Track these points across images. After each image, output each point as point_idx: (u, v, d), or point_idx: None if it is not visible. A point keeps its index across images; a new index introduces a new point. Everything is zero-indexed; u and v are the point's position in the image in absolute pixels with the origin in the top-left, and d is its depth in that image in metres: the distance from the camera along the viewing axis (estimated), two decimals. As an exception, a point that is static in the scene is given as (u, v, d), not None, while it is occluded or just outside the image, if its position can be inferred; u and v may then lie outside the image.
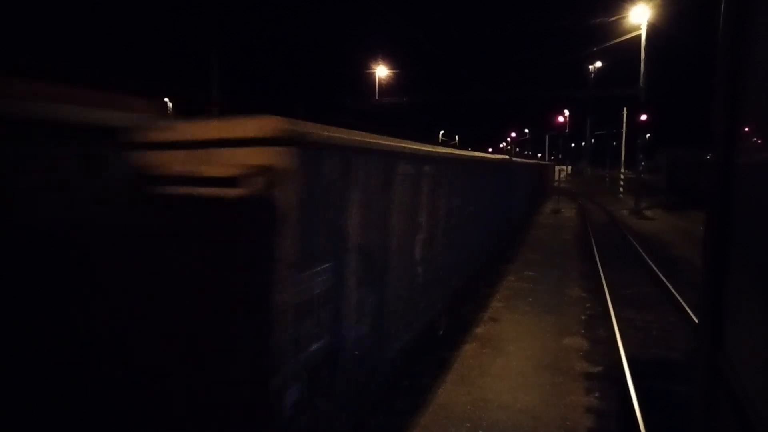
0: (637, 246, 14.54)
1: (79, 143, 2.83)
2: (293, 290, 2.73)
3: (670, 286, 9.60)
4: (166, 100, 9.71)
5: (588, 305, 8.81)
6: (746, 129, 1.78)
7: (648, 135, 32.36)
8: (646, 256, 12.83)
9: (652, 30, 25.81)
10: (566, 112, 66.21)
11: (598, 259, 12.39)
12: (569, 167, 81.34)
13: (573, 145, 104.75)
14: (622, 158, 39.11)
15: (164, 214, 2.73)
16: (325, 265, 3.17)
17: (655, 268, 11.28)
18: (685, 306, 8.29)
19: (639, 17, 25.87)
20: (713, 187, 1.93)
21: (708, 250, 1.96)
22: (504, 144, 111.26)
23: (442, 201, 5.99)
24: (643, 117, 27.43)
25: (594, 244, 14.71)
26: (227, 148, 2.59)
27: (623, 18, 26.55)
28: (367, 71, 38.86)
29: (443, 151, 6.42)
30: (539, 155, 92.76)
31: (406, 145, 4.61)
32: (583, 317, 8.15)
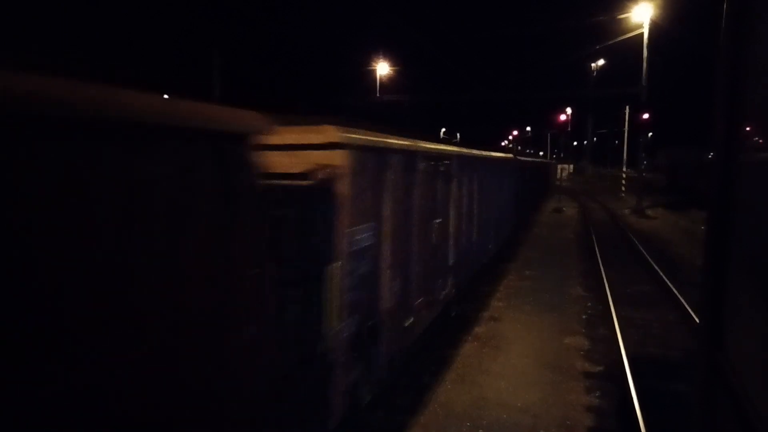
0: (639, 245, 14.53)
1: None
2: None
3: (670, 285, 9.60)
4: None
5: (589, 304, 8.81)
6: (747, 129, 1.78)
7: (650, 134, 32.32)
8: (647, 255, 12.82)
9: (655, 29, 25.77)
10: (568, 111, 65.99)
11: (599, 258, 12.38)
12: (571, 166, 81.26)
13: (575, 143, 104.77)
14: (624, 157, 39.07)
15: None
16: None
17: (656, 267, 11.27)
18: (685, 305, 8.29)
19: (641, 16, 25.81)
20: (714, 186, 1.93)
21: (708, 250, 1.96)
22: (506, 142, 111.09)
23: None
24: (645, 116, 27.34)
25: (595, 243, 14.69)
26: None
27: (625, 17, 26.50)
28: (368, 69, 38.83)
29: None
30: (541, 153, 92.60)
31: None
32: (583, 316, 8.15)
